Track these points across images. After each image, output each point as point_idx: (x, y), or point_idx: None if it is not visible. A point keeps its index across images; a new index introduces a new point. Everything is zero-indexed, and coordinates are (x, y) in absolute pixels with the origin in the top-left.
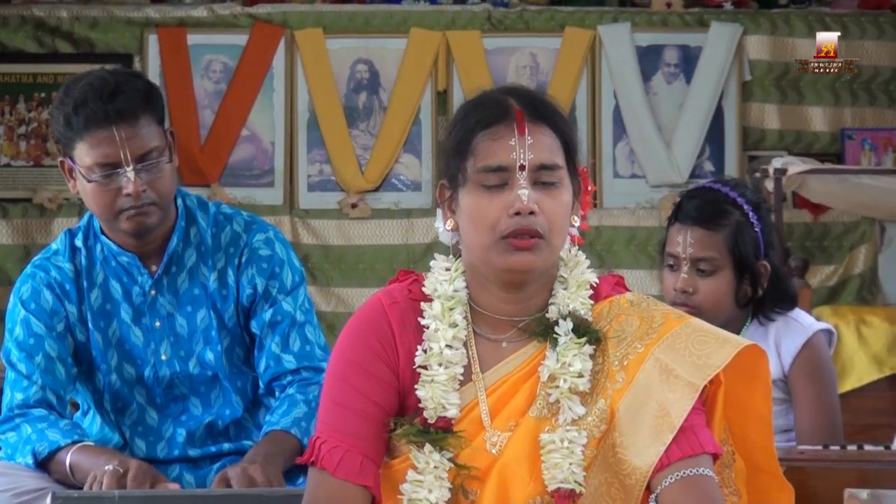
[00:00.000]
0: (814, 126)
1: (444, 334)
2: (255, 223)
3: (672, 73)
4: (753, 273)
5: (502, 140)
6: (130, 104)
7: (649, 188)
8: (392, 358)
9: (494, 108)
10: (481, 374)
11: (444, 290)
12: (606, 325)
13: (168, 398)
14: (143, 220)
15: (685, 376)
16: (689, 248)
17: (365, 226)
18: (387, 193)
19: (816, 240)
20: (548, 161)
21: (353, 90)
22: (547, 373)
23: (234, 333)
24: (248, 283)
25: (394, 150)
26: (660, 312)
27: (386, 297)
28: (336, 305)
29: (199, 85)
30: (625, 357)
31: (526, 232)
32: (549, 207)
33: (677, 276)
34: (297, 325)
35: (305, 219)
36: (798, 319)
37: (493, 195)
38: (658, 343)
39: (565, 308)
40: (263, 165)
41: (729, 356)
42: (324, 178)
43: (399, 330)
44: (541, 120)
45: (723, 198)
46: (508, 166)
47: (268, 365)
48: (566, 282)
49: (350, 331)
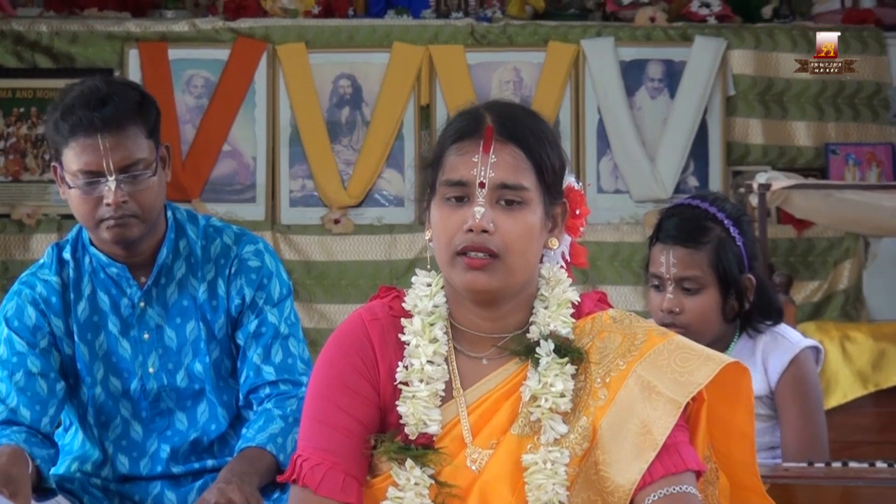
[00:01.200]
0: (798, 141)
1: (425, 350)
2: (244, 235)
3: (656, 87)
4: (739, 287)
5: (467, 155)
6: (118, 114)
7: (633, 203)
8: (373, 374)
9: (469, 121)
10: (462, 391)
11: (425, 306)
12: (589, 342)
13: (154, 412)
14: (122, 231)
15: (667, 393)
16: (673, 268)
17: (347, 241)
18: (369, 209)
19: (801, 255)
20: (510, 181)
21: (335, 105)
22: (529, 392)
23: (223, 345)
24: (236, 294)
25: (376, 166)
26: (642, 329)
27: (367, 314)
28: (318, 322)
29: (180, 100)
30: (607, 374)
31: (478, 249)
32: (508, 228)
33: (663, 296)
34: (281, 336)
35: (287, 234)
36: (785, 335)
37: (453, 210)
38: (640, 360)
39: (546, 328)
40: (245, 181)
41: (712, 373)
42: (306, 193)
43: (380, 346)
44: (511, 139)
45: (702, 214)
46: (468, 182)
47: (247, 375)
48: (547, 300)
49: (331, 347)
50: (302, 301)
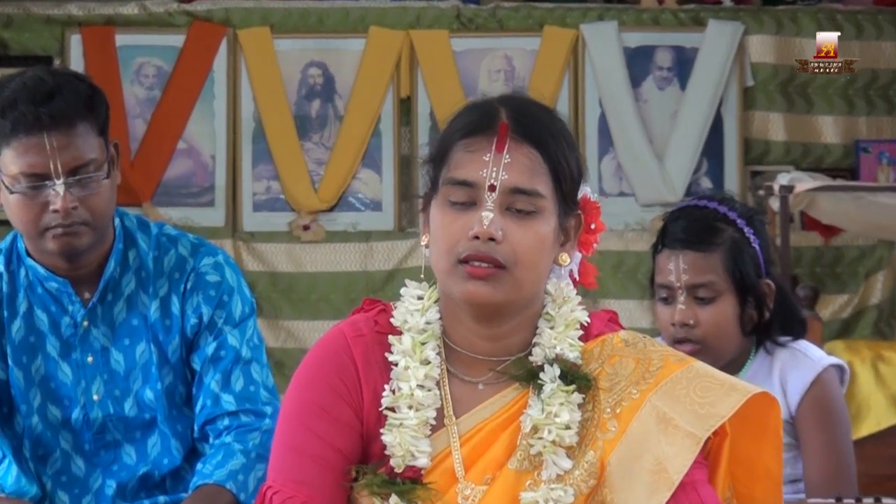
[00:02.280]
0: (824, 137)
1: (415, 373)
2: (202, 246)
3: (665, 77)
4: (757, 294)
5: (477, 153)
6: (67, 109)
7: (639, 208)
8: (355, 398)
9: (480, 115)
10: (455, 420)
11: (416, 323)
12: (598, 368)
13: (98, 445)
14: (71, 241)
15: (685, 427)
16: (683, 274)
17: (318, 250)
18: (343, 214)
19: (828, 266)
20: (525, 185)
21: (304, 97)
22: (530, 423)
23: (177, 370)
24: (192, 312)
25: (351, 165)
26: (658, 354)
27: (350, 329)
28: (285, 341)
29: (129, 91)
30: (618, 404)
31: (483, 259)
32: (518, 238)
33: (673, 308)
34: (242, 361)
35: (250, 242)
36: (806, 353)
37: (457, 213)
38: (656, 389)
39: (551, 351)
40: (203, 182)
41: (736, 405)
42: (271, 196)
43: (364, 367)
44: (528, 138)
45: (711, 214)
46: (477, 183)
47: (204, 404)
48: (553, 320)
49: (308, 366)
50: (267, 318)
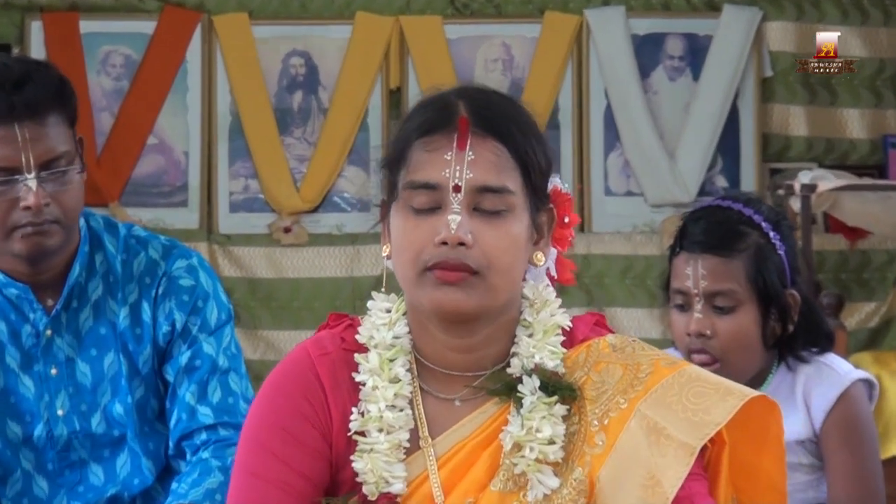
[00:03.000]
0: (850, 132)
1: (384, 393)
2: (175, 248)
3: (676, 67)
4: (781, 305)
5: (437, 152)
6: (39, 98)
7: (648, 208)
8: (323, 421)
9: (438, 111)
10: (431, 441)
11: (383, 338)
12: (583, 376)
13: (63, 464)
14: (42, 240)
15: (678, 436)
16: (702, 280)
17: (300, 255)
18: (327, 215)
19: (854, 271)
20: (492, 183)
21: (285, 88)
22: (511, 440)
23: (149, 382)
24: (165, 319)
25: (336, 162)
26: (647, 359)
27: (314, 348)
28: (265, 352)
29: (94, 82)
30: (605, 415)
31: (454, 268)
32: (490, 240)
33: (689, 316)
34: (220, 371)
35: (227, 246)
36: (832, 366)
37: (420, 219)
38: (645, 396)
39: (530, 361)
40: (175, 181)
41: (732, 410)
42: (249, 196)
43: (331, 388)
44: (491, 132)
45: (735, 216)
46: (440, 185)
47: (179, 418)
48: (531, 327)
49: (271, 387)
50: (244, 327)
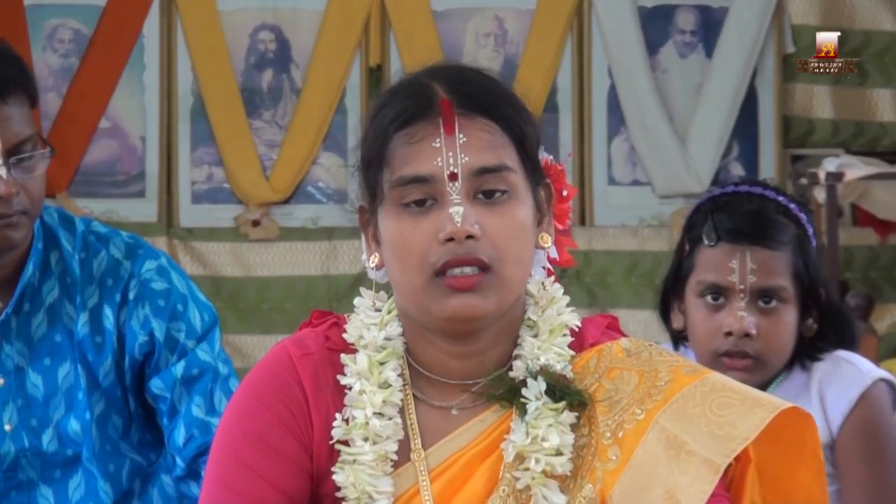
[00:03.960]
0: (880, 115)
1: (372, 398)
2: (140, 247)
3: (687, 43)
4: (820, 304)
5: (423, 142)
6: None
7: (656, 199)
8: (303, 429)
9: (414, 98)
10: (423, 452)
11: (373, 339)
12: (594, 384)
13: (9, 484)
14: (10, 234)
15: (701, 452)
16: (750, 276)
17: (271, 251)
18: (300, 206)
19: (884, 269)
20: (492, 163)
21: (254, 66)
22: (513, 451)
23: (112, 396)
24: (140, 328)
25: (310, 148)
26: (666, 365)
27: (295, 348)
28: (232, 359)
29: (39, 59)
30: (619, 427)
31: (465, 262)
32: (498, 228)
33: (729, 314)
34: (221, 378)
35: (188, 241)
36: (852, 362)
37: (417, 218)
38: (664, 407)
39: (535, 363)
40: (130, 169)
41: (761, 424)
42: (214, 185)
43: (313, 391)
44: (478, 109)
45: (772, 205)
46: (433, 176)
47: (190, 435)
48: (536, 326)
49: (246, 391)
50: None
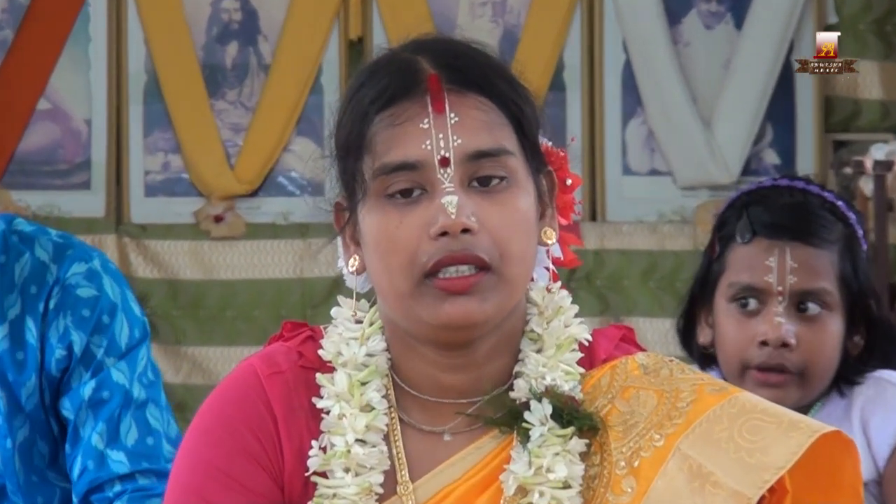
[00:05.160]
0: None
1: (353, 423)
2: (70, 247)
3: (714, 12)
4: (869, 318)
5: (409, 123)
6: None
7: (678, 192)
8: (273, 459)
9: (397, 75)
10: (411, 485)
11: (353, 355)
12: (607, 405)
13: None
14: None
15: (730, 483)
16: (791, 276)
17: (236, 250)
18: (270, 199)
19: None
20: (487, 145)
21: (216, 40)
22: (514, 483)
23: (36, 420)
24: (59, 341)
25: (281, 133)
26: (689, 384)
27: (264, 365)
28: (189, 375)
29: None
30: (635, 454)
31: (460, 260)
32: (497, 220)
33: (764, 320)
34: (135, 405)
35: (141, 239)
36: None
37: (403, 211)
38: (687, 432)
39: (540, 382)
40: (74, 156)
41: (798, 450)
42: (170, 175)
43: (284, 416)
44: (471, 85)
45: (816, 200)
46: (421, 162)
47: (85, 467)
48: (540, 339)
49: (208, 415)
50: (163, 343)
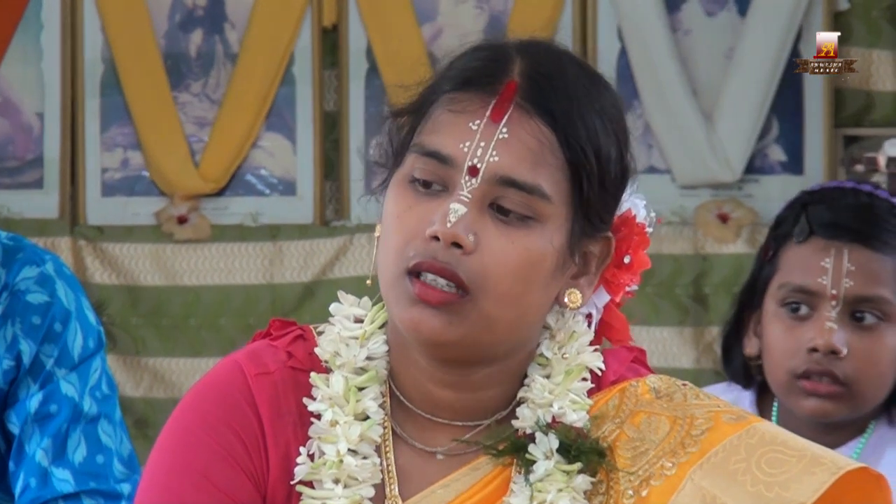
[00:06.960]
0: None
1: (347, 431)
2: (20, 250)
3: None
4: None
5: (464, 116)
6: None
7: (677, 191)
8: (257, 465)
9: (484, 63)
10: (401, 501)
11: (352, 357)
12: (615, 430)
13: None
14: None
15: None
16: (847, 280)
17: (201, 254)
18: (238, 199)
19: None
20: (522, 177)
21: (179, 27)
22: None
23: None
24: (7, 351)
25: (249, 127)
26: (704, 410)
27: (250, 363)
28: (150, 387)
29: None
30: (644, 483)
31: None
32: (498, 249)
33: (815, 326)
34: (85, 419)
35: (98, 241)
36: None
37: (417, 199)
38: (701, 461)
39: (546, 412)
40: (25, 153)
41: (821, 487)
42: (130, 173)
43: (271, 420)
44: (542, 109)
45: (884, 205)
46: (453, 159)
47: (27, 485)
48: (549, 365)
49: (190, 414)
50: (121, 353)
